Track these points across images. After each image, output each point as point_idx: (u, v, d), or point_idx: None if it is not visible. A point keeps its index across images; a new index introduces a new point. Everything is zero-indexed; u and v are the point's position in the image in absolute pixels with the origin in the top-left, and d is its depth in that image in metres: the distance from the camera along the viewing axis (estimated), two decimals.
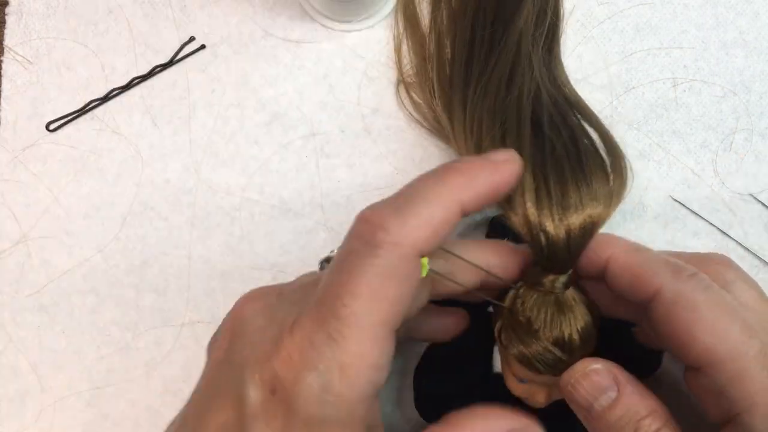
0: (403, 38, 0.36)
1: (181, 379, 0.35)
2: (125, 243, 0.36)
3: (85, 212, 0.36)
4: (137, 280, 0.36)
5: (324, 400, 0.21)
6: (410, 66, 0.36)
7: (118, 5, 0.37)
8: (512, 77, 0.32)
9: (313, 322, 0.21)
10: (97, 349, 0.36)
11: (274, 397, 0.21)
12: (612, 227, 0.34)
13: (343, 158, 0.36)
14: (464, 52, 0.34)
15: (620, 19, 0.36)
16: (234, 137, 0.36)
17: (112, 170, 0.36)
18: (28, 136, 0.37)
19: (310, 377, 0.21)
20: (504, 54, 0.32)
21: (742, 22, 0.35)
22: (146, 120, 0.36)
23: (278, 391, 0.21)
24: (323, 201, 0.36)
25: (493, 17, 0.33)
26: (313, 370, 0.21)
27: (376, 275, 0.21)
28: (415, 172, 0.35)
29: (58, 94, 0.37)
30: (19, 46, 0.37)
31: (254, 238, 0.36)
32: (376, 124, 0.36)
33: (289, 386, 0.21)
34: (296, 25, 0.36)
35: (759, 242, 0.34)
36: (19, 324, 0.36)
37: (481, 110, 0.31)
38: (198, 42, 0.37)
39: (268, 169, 0.36)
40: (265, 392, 0.21)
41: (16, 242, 0.36)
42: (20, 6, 0.37)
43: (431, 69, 0.35)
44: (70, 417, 0.35)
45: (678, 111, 0.35)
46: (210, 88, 0.36)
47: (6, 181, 0.36)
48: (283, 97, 0.36)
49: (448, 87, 0.34)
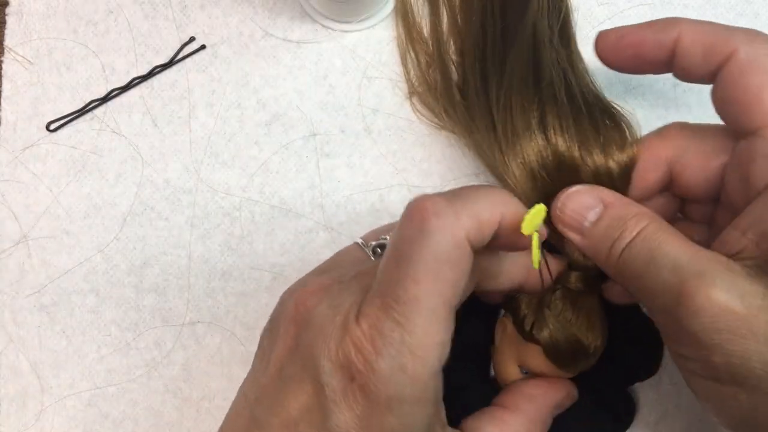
0: (408, 48, 0.35)
1: (181, 379, 0.35)
2: (125, 243, 0.36)
3: (85, 212, 0.36)
4: (137, 280, 0.36)
5: (400, 381, 0.22)
6: (416, 74, 0.35)
7: (118, 5, 0.37)
8: (537, 67, 0.31)
9: (378, 311, 0.23)
10: (98, 349, 0.36)
11: (352, 384, 0.23)
12: None
13: (343, 158, 0.36)
14: (475, 52, 0.33)
15: (620, 20, 0.36)
16: (234, 137, 0.36)
17: (112, 170, 0.36)
18: (28, 136, 0.37)
19: (384, 363, 0.22)
20: (520, 47, 0.32)
21: (742, 22, 0.35)
22: (146, 120, 0.36)
23: (356, 378, 0.23)
24: (323, 201, 0.36)
25: (502, 13, 0.33)
26: (385, 356, 0.22)
27: (433, 259, 0.23)
28: (415, 172, 0.35)
29: (58, 94, 0.37)
30: (20, 47, 0.37)
31: (254, 238, 0.36)
32: (376, 124, 0.36)
33: (365, 372, 0.22)
34: (296, 26, 0.36)
35: None
36: (19, 324, 0.36)
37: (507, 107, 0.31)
38: (198, 42, 0.37)
39: (268, 169, 0.36)
40: (344, 379, 0.23)
41: (16, 242, 0.36)
42: (20, 6, 0.37)
43: (438, 74, 0.35)
44: (70, 417, 0.35)
45: (678, 111, 0.35)
46: (210, 89, 0.36)
47: (6, 181, 0.37)
48: (283, 97, 0.36)
49: (459, 90, 0.34)
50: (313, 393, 0.23)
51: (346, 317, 0.23)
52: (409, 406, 0.23)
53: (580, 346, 0.28)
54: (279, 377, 0.25)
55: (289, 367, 0.25)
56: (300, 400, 0.24)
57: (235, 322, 0.35)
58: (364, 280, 0.25)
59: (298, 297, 0.26)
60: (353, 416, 0.23)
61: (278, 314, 0.27)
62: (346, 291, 0.25)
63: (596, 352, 0.29)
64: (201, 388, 0.35)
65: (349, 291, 0.25)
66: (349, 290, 0.25)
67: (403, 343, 0.22)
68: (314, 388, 0.23)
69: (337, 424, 0.23)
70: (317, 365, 0.23)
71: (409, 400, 0.23)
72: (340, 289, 0.25)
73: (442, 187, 0.35)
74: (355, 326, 0.23)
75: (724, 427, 0.25)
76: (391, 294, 0.23)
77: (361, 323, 0.23)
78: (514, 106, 0.31)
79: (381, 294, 0.23)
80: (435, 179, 0.35)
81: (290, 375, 0.25)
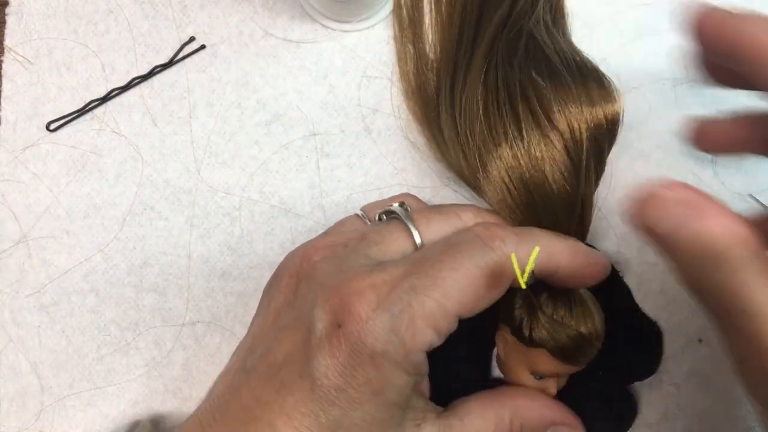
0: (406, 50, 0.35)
1: (181, 379, 0.35)
2: (125, 243, 0.36)
3: (85, 212, 0.36)
4: (137, 280, 0.36)
5: (389, 340, 0.23)
6: (404, 76, 0.35)
7: (118, 5, 0.37)
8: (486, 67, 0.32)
9: (402, 272, 0.24)
10: (97, 349, 0.36)
11: (339, 330, 0.23)
12: (612, 228, 0.34)
13: (343, 158, 0.36)
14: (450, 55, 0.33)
15: (620, 20, 0.36)
16: (234, 137, 0.36)
17: (112, 170, 0.36)
18: (28, 136, 0.37)
19: (382, 317, 0.23)
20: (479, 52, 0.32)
21: None
22: (146, 120, 0.36)
23: (345, 325, 0.23)
24: (323, 201, 0.36)
25: (477, 19, 0.33)
26: (386, 311, 0.23)
27: (478, 268, 0.24)
28: (415, 172, 0.35)
29: (58, 94, 0.37)
30: (20, 46, 0.37)
31: (254, 238, 0.36)
32: (376, 124, 0.36)
33: (359, 321, 0.23)
34: (296, 25, 0.36)
35: None
36: (19, 324, 0.36)
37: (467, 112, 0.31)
38: (198, 42, 0.37)
39: (268, 169, 0.36)
40: (333, 325, 0.23)
41: (16, 242, 0.36)
42: (20, 6, 0.37)
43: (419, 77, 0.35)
44: (70, 417, 0.35)
45: (678, 111, 0.35)
46: (210, 88, 0.36)
47: (6, 181, 0.37)
48: (283, 97, 0.36)
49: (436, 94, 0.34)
50: (301, 339, 0.24)
51: (354, 272, 0.24)
52: (391, 366, 0.23)
53: (582, 338, 0.28)
54: (274, 326, 0.26)
55: (284, 318, 0.26)
56: (287, 346, 0.24)
57: (234, 322, 0.35)
58: (371, 248, 0.26)
59: (304, 252, 0.27)
60: (335, 363, 0.23)
61: (282, 270, 0.28)
62: (352, 254, 0.26)
63: (600, 337, 0.29)
64: (201, 388, 0.35)
65: (356, 254, 0.26)
66: (356, 253, 0.26)
67: (408, 308, 0.23)
68: (303, 335, 0.24)
69: (317, 368, 0.23)
70: (311, 313, 0.24)
71: (392, 361, 0.23)
72: (347, 251, 0.26)
73: (441, 187, 0.35)
74: (365, 277, 0.24)
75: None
76: (426, 268, 0.24)
77: (374, 276, 0.24)
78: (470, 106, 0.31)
79: (416, 263, 0.24)
80: (435, 179, 0.35)
81: (284, 324, 0.25)
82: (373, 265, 0.25)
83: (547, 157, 0.29)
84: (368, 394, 0.23)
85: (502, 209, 0.29)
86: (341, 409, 0.23)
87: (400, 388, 0.24)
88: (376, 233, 0.27)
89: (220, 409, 0.25)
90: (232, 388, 0.25)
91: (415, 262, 0.24)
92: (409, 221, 0.27)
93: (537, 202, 0.29)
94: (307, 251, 0.27)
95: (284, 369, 0.24)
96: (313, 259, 0.26)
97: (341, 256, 0.26)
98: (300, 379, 0.23)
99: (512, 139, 0.29)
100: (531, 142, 0.29)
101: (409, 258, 0.25)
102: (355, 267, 0.25)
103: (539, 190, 0.29)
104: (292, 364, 0.24)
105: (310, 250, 0.27)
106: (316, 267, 0.26)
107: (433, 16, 0.35)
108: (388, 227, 0.28)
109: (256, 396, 0.24)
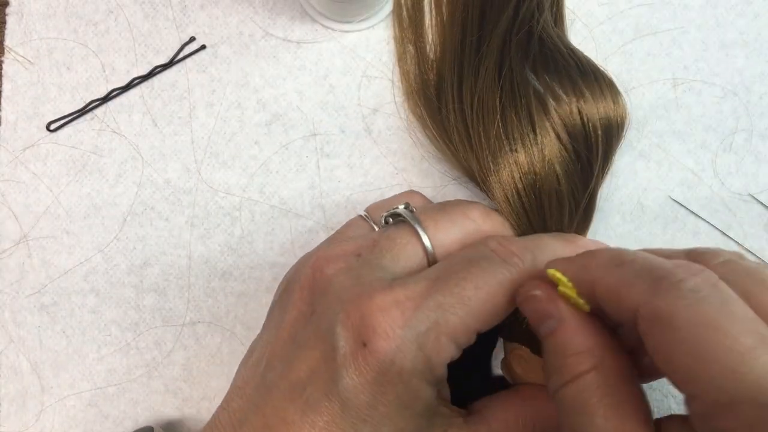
0: (406, 50, 0.35)
1: (181, 379, 0.35)
2: (125, 243, 0.36)
3: (85, 212, 0.36)
4: (137, 280, 0.36)
5: (417, 356, 0.23)
6: (404, 77, 0.35)
7: (118, 5, 0.37)
8: (500, 70, 0.32)
9: (424, 289, 0.24)
10: (98, 349, 0.36)
11: (365, 349, 0.23)
12: (612, 228, 0.34)
13: (343, 158, 0.36)
14: (454, 54, 0.33)
15: (620, 20, 0.36)
16: (234, 137, 0.36)
17: (112, 170, 0.36)
18: (28, 136, 0.37)
19: (411, 334, 0.23)
20: (489, 54, 0.32)
21: (742, 23, 0.35)
22: (146, 120, 0.36)
23: (371, 343, 0.23)
24: (323, 201, 0.36)
25: (480, 20, 0.33)
26: (413, 329, 0.23)
27: (501, 286, 0.24)
28: (415, 172, 0.35)
29: (58, 94, 0.37)
30: (20, 46, 0.37)
31: (254, 238, 0.36)
32: (376, 124, 0.36)
33: (386, 339, 0.23)
34: (296, 25, 0.36)
35: (759, 243, 0.34)
36: (20, 324, 0.36)
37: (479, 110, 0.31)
38: (198, 42, 0.37)
39: (268, 169, 0.36)
40: (357, 343, 0.23)
41: (16, 242, 0.36)
42: (21, 6, 0.37)
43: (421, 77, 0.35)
44: (70, 417, 0.35)
45: (678, 111, 0.35)
46: (210, 89, 0.36)
47: (6, 181, 0.37)
48: (284, 97, 0.36)
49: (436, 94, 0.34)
50: (323, 357, 0.24)
51: (372, 287, 0.24)
52: (418, 381, 0.24)
53: None
54: (291, 342, 0.26)
55: (302, 333, 0.25)
56: (310, 363, 0.24)
57: (235, 322, 0.35)
58: (384, 257, 0.26)
59: (315, 263, 0.27)
60: (363, 381, 0.23)
61: (293, 281, 0.27)
62: (366, 265, 0.26)
63: None
64: (201, 388, 0.35)
65: (370, 266, 0.26)
66: (370, 265, 0.26)
67: (436, 326, 0.23)
68: (325, 353, 0.24)
69: (345, 387, 0.23)
70: (331, 330, 0.24)
71: (419, 376, 0.24)
72: (361, 262, 0.26)
73: (442, 186, 0.35)
74: (388, 294, 0.24)
75: None
76: (451, 285, 0.24)
77: (396, 291, 0.24)
78: (486, 109, 0.31)
79: (438, 280, 0.24)
80: (435, 179, 0.35)
81: (303, 340, 0.25)
82: (390, 279, 0.25)
83: (560, 158, 0.29)
84: (398, 409, 0.24)
85: (510, 209, 0.30)
86: (372, 426, 0.23)
87: (426, 400, 0.24)
88: (386, 239, 0.27)
89: (241, 424, 0.25)
90: (252, 405, 0.25)
91: (437, 279, 0.24)
92: (417, 224, 0.27)
93: (544, 204, 0.29)
94: (318, 262, 0.26)
95: (309, 388, 0.24)
96: (327, 272, 0.26)
97: (356, 268, 0.26)
98: (327, 399, 0.23)
99: (529, 143, 0.30)
100: (545, 145, 0.30)
101: (429, 274, 0.25)
102: (372, 281, 0.25)
103: (549, 192, 0.29)
104: (316, 383, 0.24)
105: (322, 261, 0.26)
106: (331, 281, 0.26)
107: (433, 16, 0.35)
108: (398, 232, 0.27)
109: (281, 416, 0.24)
